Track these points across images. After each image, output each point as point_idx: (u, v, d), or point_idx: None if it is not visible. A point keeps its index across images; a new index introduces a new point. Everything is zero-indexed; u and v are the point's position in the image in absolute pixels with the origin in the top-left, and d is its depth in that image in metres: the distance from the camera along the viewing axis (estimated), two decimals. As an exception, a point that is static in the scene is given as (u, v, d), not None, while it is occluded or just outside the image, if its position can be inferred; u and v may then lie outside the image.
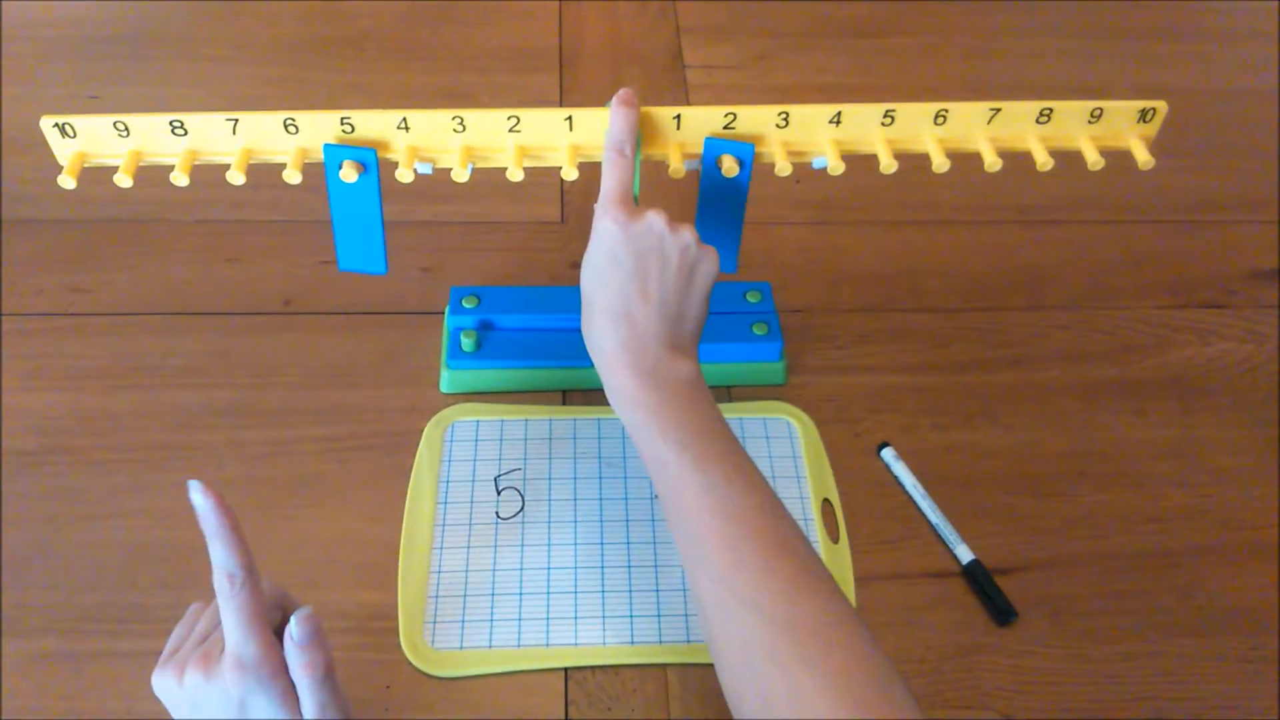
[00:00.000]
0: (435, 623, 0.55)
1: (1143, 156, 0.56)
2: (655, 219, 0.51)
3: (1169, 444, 0.65)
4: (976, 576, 0.58)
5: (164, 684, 0.42)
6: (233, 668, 0.40)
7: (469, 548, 0.58)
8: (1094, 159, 0.55)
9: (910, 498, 0.62)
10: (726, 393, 0.67)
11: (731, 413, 0.65)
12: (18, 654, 0.54)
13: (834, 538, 0.60)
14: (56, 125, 0.53)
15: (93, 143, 0.54)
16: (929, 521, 0.61)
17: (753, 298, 0.68)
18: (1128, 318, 0.73)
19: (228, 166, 0.53)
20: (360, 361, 0.67)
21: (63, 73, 0.88)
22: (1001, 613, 0.56)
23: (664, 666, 0.55)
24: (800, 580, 0.44)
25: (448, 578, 0.57)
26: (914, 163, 0.54)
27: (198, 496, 0.42)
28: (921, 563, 0.59)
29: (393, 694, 0.53)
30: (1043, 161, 0.55)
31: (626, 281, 0.50)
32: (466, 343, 0.65)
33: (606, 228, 0.51)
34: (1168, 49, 0.96)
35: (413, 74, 0.90)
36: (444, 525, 0.59)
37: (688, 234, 0.51)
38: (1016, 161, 0.84)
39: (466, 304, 0.67)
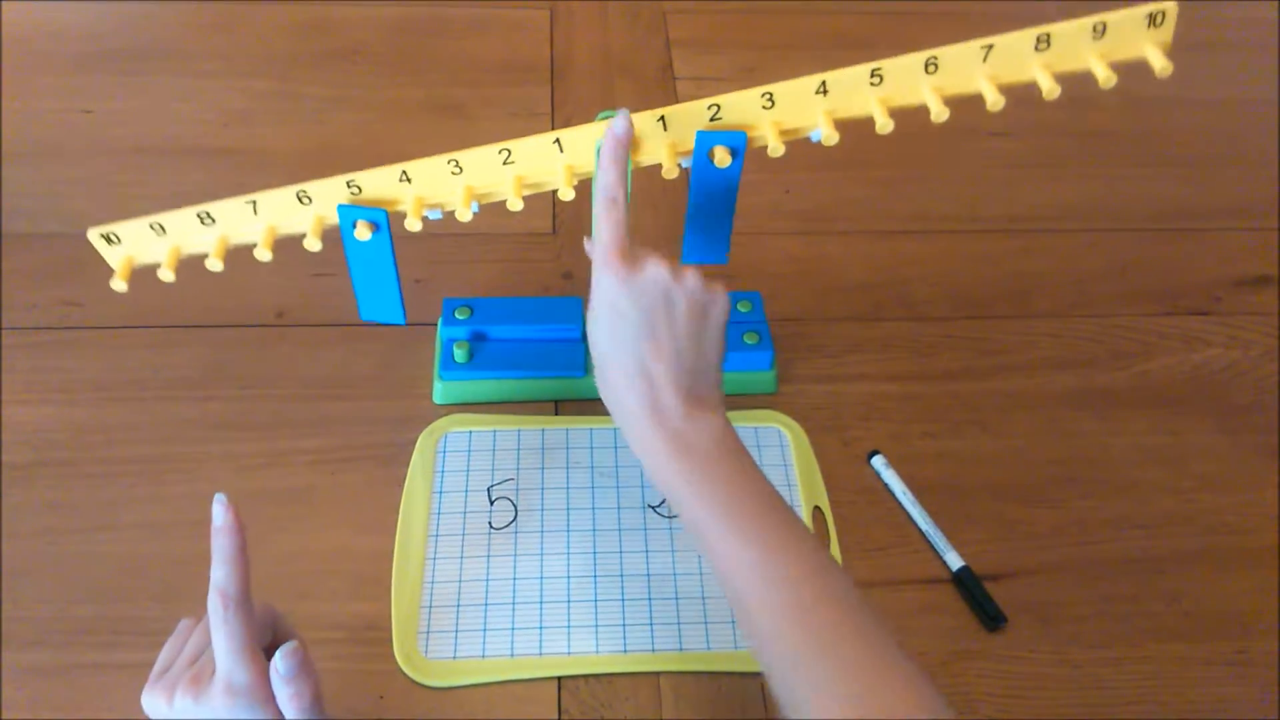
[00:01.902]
0: (429, 633, 0.55)
1: (1160, 63, 0.52)
2: (656, 270, 0.49)
3: (1156, 450, 0.66)
4: (966, 583, 0.58)
5: (153, 704, 0.43)
6: (223, 692, 0.41)
7: (462, 558, 0.59)
8: (1105, 75, 0.52)
9: (900, 505, 0.62)
10: (717, 402, 0.67)
11: (722, 422, 0.66)
12: (11, 666, 0.54)
13: (825, 545, 0.60)
14: (103, 236, 0.56)
15: (136, 245, 0.56)
16: (919, 528, 0.61)
17: (744, 307, 0.69)
18: (1114, 325, 0.73)
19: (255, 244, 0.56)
20: (353, 373, 0.68)
21: (56, 86, 0.88)
22: (991, 618, 0.57)
23: (657, 674, 0.55)
24: (857, 648, 0.42)
25: (441, 588, 0.57)
26: (902, 173, 0.55)
27: (219, 509, 0.42)
28: (911, 569, 0.60)
29: (386, 704, 0.53)
30: (1049, 89, 0.52)
31: (636, 337, 0.48)
32: (459, 353, 0.65)
33: (607, 282, 0.49)
34: (1152, 59, 0.97)
35: (404, 87, 0.90)
36: (437, 536, 0.60)
37: (692, 279, 0.49)
38: (1004, 170, 0.85)
39: (459, 315, 0.67)
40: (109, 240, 0.56)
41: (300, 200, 0.55)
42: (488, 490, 0.62)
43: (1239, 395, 0.69)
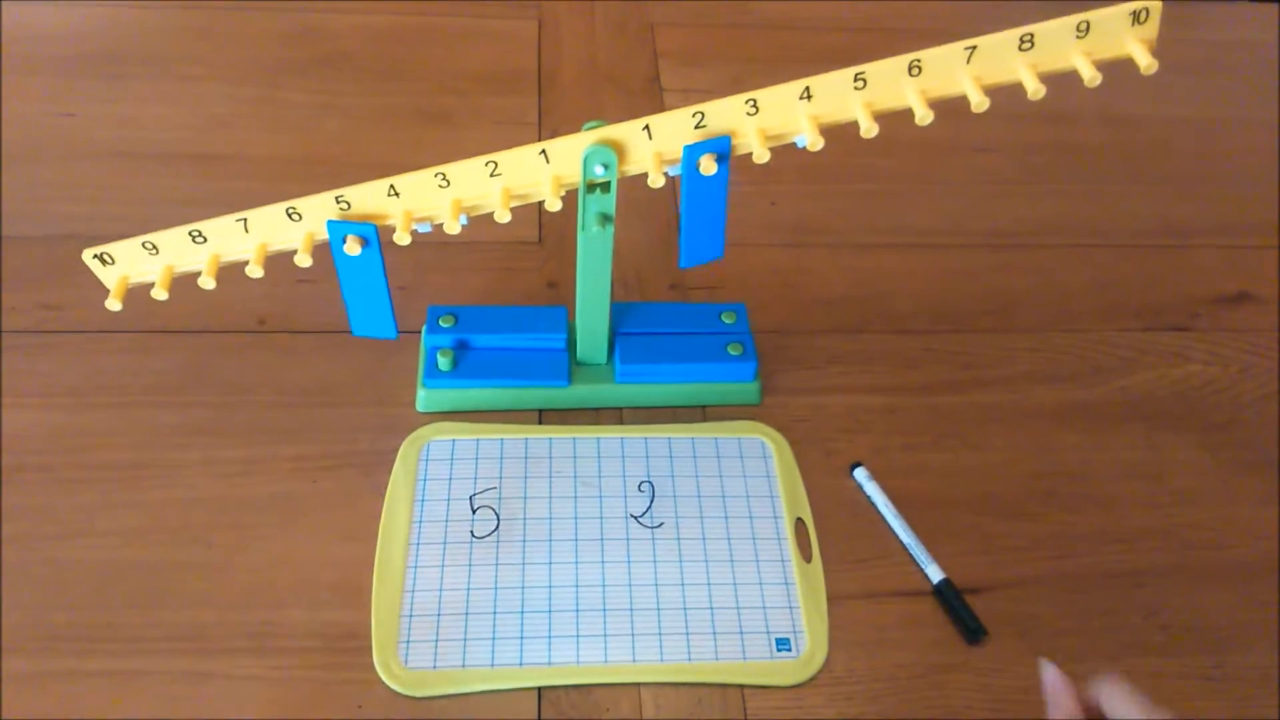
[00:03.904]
0: (408, 642, 0.55)
1: (1145, 60, 0.52)
2: None
3: (1135, 465, 0.66)
4: (947, 595, 0.58)
5: None
6: None
7: (443, 567, 0.58)
8: (1090, 74, 0.52)
9: (882, 517, 0.62)
10: (701, 412, 0.67)
11: (706, 432, 0.66)
12: (-16, 674, 0.53)
13: (807, 557, 0.60)
14: (96, 256, 0.56)
15: (130, 265, 0.56)
16: (900, 541, 0.61)
17: (728, 318, 0.69)
18: (1094, 340, 0.74)
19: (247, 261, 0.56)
20: (336, 380, 0.67)
21: (38, 89, 0.88)
22: (971, 631, 0.57)
23: (638, 685, 0.55)
24: None
25: (422, 597, 0.57)
26: (886, 187, 0.55)
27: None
28: (893, 582, 0.60)
29: (365, 714, 0.53)
30: (1034, 89, 0.52)
31: None
32: (443, 362, 0.65)
33: None
34: (1136, 79, 0.98)
35: (390, 95, 0.90)
36: (418, 544, 0.59)
37: None
38: (987, 185, 0.86)
39: (443, 323, 0.67)
40: (103, 261, 0.56)
41: (290, 217, 0.56)
42: (470, 499, 0.62)
43: (1217, 411, 0.70)
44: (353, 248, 0.56)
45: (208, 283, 0.56)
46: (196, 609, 0.56)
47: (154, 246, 0.56)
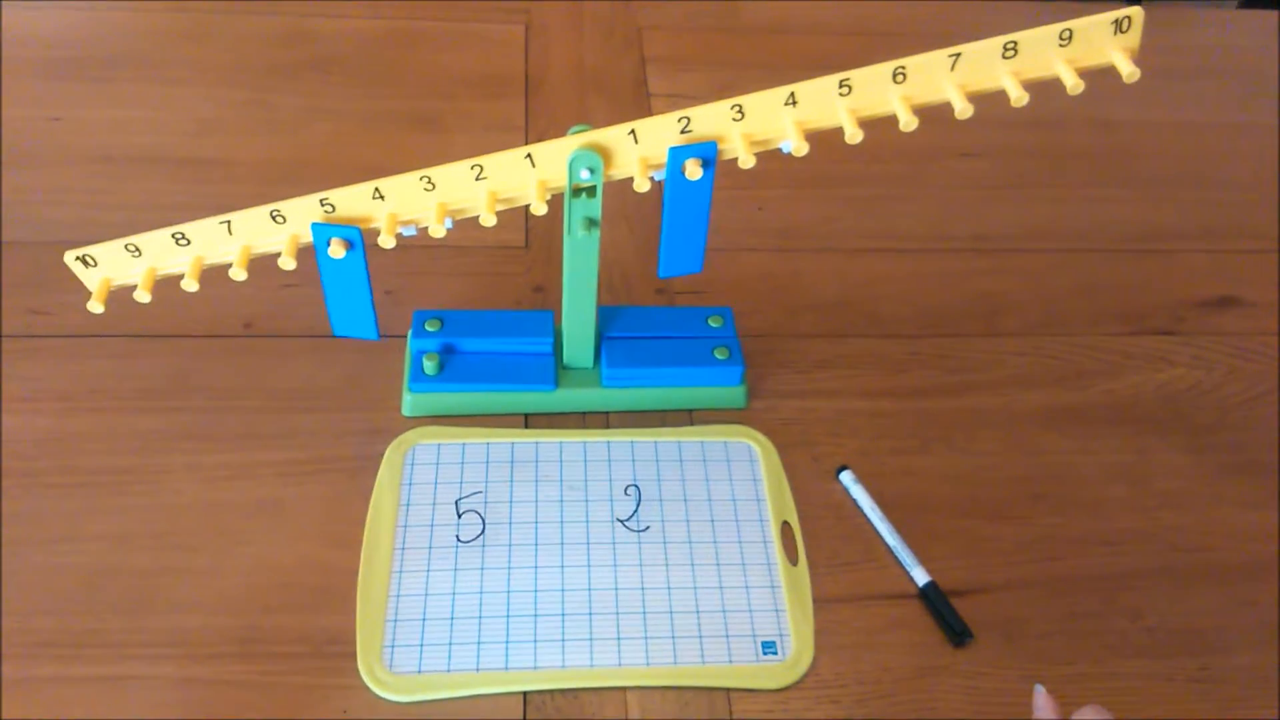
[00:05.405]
0: (393, 647, 0.55)
1: (1126, 69, 0.52)
2: None
3: (1120, 468, 0.67)
4: (932, 599, 0.59)
5: None
6: None
7: (429, 571, 0.58)
8: (1073, 83, 0.52)
9: (868, 520, 0.62)
10: (688, 416, 0.67)
11: (692, 436, 0.66)
12: (-33, 680, 0.53)
13: (793, 560, 0.60)
14: (78, 258, 0.56)
15: (112, 267, 0.56)
16: (886, 544, 0.61)
17: (714, 322, 0.69)
18: (1080, 344, 0.74)
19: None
20: (321, 385, 0.67)
21: (23, 94, 0.87)
22: (957, 634, 0.57)
23: (623, 689, 0.55)
24: None
25: (407, 601, 0.57)
26: (873, 192, 0.55)
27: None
28: (879, 585, 0.60)
29: (350, 718, 0.53)
30: (1017, 97, 0.52)
31: None
32: (429, 366, 0.65)
33: None
34: (1121, 84, 0.98)
35: (378, 99, 0.90)
36: (404, 549, 0.59)
37: None
38: (973, 190, 0.86)
39: (429, 327, 0.67)
40: (85, 263, 0.56)
41: (274, 219, 0.56)
42: (455, 503, 0.62)
43: (1202, 415, 0.70)
44: (337, 251, 0.56)
45: (191, 285, 0.56)
46: (183, 614, 0.56)
47: (136, 249, 0.56)
